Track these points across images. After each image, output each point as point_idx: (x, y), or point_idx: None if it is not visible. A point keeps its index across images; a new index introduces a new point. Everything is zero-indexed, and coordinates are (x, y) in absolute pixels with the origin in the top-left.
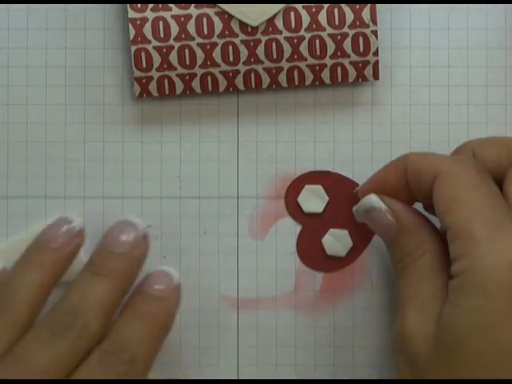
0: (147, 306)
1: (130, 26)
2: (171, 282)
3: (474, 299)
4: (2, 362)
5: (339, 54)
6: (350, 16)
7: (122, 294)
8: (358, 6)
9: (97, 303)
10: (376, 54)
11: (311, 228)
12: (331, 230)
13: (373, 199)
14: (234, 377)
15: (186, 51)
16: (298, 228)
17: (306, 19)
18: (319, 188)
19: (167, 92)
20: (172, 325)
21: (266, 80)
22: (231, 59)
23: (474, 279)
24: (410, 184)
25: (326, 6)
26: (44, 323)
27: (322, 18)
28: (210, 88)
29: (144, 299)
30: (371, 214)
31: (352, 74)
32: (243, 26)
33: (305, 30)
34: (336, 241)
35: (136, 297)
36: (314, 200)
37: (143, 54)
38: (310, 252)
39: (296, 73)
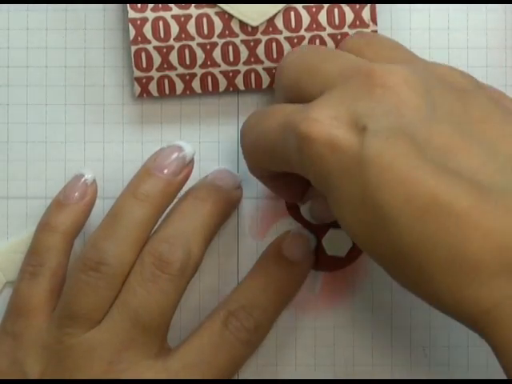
0: (283, 271)
1: (130, 26)
2: (309, 248)
3: None
4: (114, 315)
5: None
6: (350, 16)
7: (223, 220)
8: (358, 6)
9: (199, 228)
10: None
11: (311, 228)
12: (331, 230)
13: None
14: (234, 377)
15: (186, 51)
16: None
17: (306, 19)
18: None
19: (167, 92)
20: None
21: (266, 80)
22: (231, 59)
23: None
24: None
25: (326, 5)
26: (144, 257)
27: (322, 17)
28: (210, 88)
29: (280, 263)
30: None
31: None
32: (243, 25)
33: (305, 29)
34: (336, 241)
35: (272, 259)
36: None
37: (143, 54)
38: None
39: None
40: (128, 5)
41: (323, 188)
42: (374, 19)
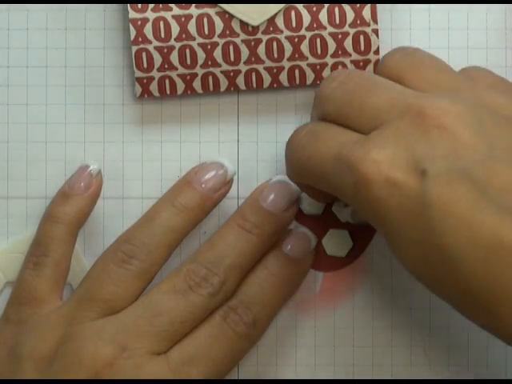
0: (282, 267)
1: (130, 26)
2: (310, 246)
3: None
4: (137, 308)
5: (340, 52)
6: (350, 15)
7: (262, 254)
8: (358, 5)
9: (238, 261)
10: (377, 52)
11: (311, 228)
12: (331, 230)
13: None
14: (234, 377)
15: (187, 51)
16: None
17: (306, 18)
18: None
19: (168, 92)
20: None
21: (267, 79)
22: (232, 59)
23: None
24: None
25: (326, 5)
26: (182, 272)
27: (323, 17)
28: (211, 88)
29: (280, 260)
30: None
31: None
32: (244, 25)
33: (306, 29)
34: (336, 241)
35: (272, 256)
36: (313, 204)
37: (144, 55)
38: None
39: (297, 72)
40: (128, 5)
41: (380, 228)
42: (374, 18)
